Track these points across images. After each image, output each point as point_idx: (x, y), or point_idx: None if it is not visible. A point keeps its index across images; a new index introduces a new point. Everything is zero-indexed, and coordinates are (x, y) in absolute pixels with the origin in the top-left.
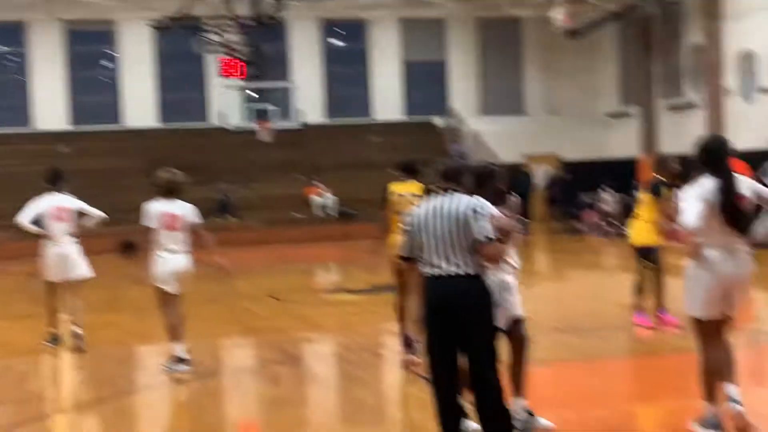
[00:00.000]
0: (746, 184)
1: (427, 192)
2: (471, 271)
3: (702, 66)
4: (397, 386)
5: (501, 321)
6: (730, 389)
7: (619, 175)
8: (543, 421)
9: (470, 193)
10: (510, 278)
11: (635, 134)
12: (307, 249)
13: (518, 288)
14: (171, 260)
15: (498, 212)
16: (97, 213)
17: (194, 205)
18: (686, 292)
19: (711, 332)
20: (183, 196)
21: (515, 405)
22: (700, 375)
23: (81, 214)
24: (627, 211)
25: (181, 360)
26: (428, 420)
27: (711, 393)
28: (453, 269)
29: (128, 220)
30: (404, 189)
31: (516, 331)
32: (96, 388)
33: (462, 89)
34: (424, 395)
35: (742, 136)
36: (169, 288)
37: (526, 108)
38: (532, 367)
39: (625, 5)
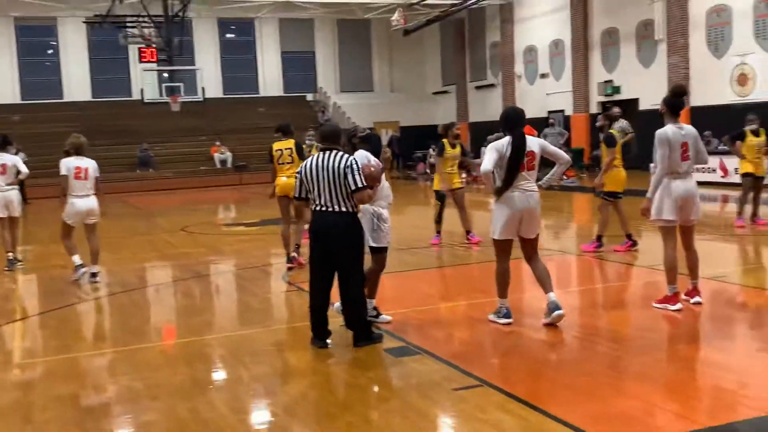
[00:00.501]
0: (536, 142)
1: (299, 147)
2: (347, 209)
3: (499, 57)
4: (279, 294)
5: (382, 242)
6: (550, 295)
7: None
8: (384, 317)
9: (345, 149)
10: (385, 211)
11: (453, 106)
12: (211, 193)
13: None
14: (79, 203)
15: (369, 161)
16: (25, 170)
17: (121, 160)
18: (491, 221)
19: (505, 249)
20: (87, 154)
21: (372, 303)
22: (496, 279)
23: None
24: None
25: (80, 266)
26: (302, 319)
27: (503, 292)
28: (335, 207)
29: None
30: (282, 146)
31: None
32: (44, 302)
33: (326, 72)
34: (298, 300)
35: (527, 109)
36: (73, 223)
37: (374, 87)
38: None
39: (444, 12)
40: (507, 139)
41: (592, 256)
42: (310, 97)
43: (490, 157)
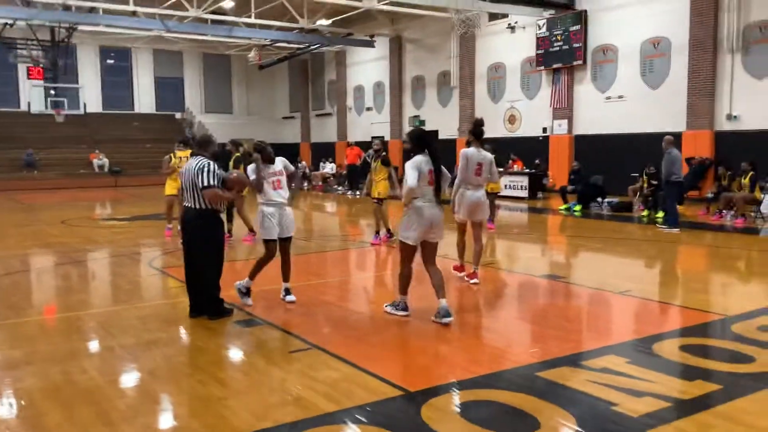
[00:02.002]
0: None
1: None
2: (200, 206)
3: (334, 92)
4: (145, 278)
5: (263, 235)
6: (442, 302)
7: (289, 153)
8: (248, 300)
9: (211, 157)
10: (270, 209)
11: (298, 129)
12: (89, 193)
13: (283, 214)
14: None
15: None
16: None
17: (9, 163)
18: (403, 228)
19: (411, 253)
20: None
21: (284, 286)
22: (401, 279)
23: None
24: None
25: None
26: (164, 297)
27: (404, 289)
28: (192, 204)
29: None
30: (182, 154)
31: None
32: None
33: (193, 96)
34: (161, 282)
35: (356, 135)
36: None
37: (233, 110)
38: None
39: (292, 53)
40: (422, 157)
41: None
42: (178, 115)
43: (413, 174)
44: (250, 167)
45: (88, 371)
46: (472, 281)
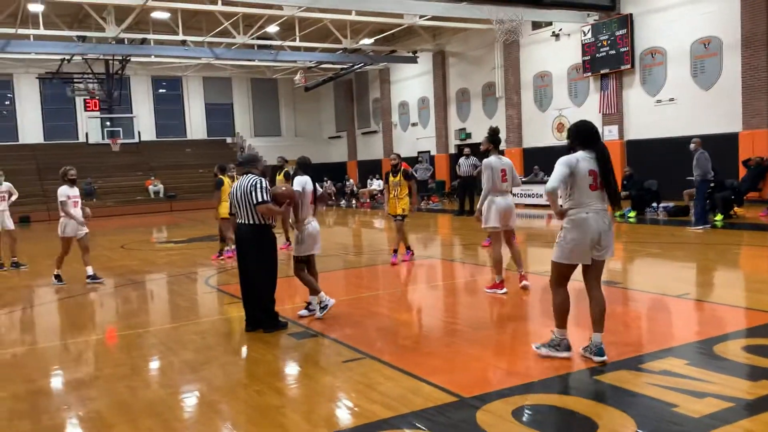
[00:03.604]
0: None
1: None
2: (254, 222)
3: (379, 110)
4: (202, 295)
5: (312, 250)
6: (596, 336)
7: (336, 171)
8: (303, 312)
9: (259, 174)
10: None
11: (344, 148)
12: (146, 218)
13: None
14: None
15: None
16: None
17: None
18: (557, 242)
19: (567, 275)
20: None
21: (320, 297)
22: (555, 307)
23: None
24: (342, 193)
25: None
26: (220, 313)
27: (562, 321)
28: (246, 220)
29: (26, 202)
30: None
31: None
32: (23, 300)
33: (242, 120)
34: (217, 299)
35: (402, 151)
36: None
37: (281, 132)
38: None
39: (336, 73)
40: (580, 154)
41: (447, 261)
42: (229, 140)
43: (559, 172)
44: (303, 179)
45: (150, 385)
46: (522, 284)
